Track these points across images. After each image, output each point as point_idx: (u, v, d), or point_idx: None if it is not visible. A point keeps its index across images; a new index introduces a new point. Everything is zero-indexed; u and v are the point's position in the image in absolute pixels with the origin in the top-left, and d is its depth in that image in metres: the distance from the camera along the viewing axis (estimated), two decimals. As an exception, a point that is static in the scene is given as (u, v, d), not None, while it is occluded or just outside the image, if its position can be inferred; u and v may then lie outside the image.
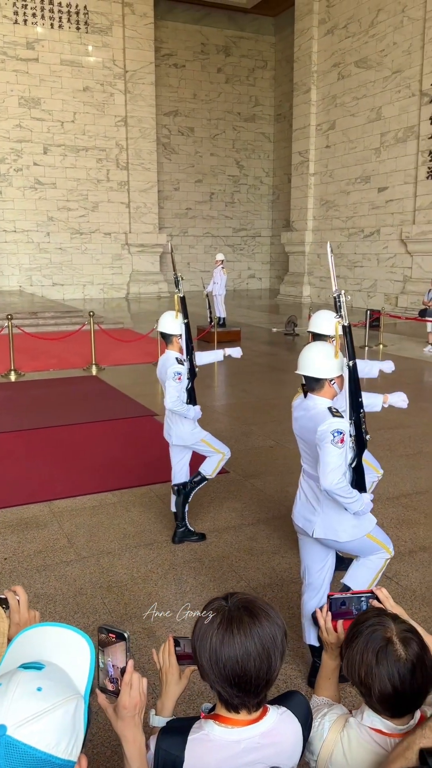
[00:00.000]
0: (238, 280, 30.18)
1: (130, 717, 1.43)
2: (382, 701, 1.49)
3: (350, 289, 21.55)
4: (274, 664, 1.39)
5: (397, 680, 1.45)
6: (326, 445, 2.79)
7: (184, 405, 4.38)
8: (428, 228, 17.67)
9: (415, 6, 17.77)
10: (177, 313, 4.44)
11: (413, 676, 1.46)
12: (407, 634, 1.51)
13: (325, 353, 3.01)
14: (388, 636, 1.49)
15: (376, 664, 1.47)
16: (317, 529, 3.06)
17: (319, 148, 22.89)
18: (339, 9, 21.09)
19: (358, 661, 1.50)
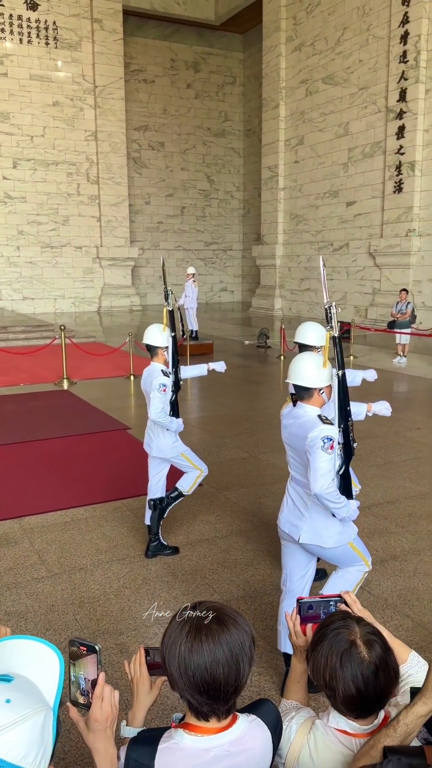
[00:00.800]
0: (211, 293, 30.32)
1: (101, 730, 1.43)
2: (346, 703, 1.51)
3: (321, 301, 21.75)
4: (243, 671, 1.40)
5: (361, 682, 1.48)
6: (317, 451, 2.86)
7: (168, 417, 4.40)
8: (396, 242, 17.99)
9: (380, 25, 18.21)
10: (165, 326, 4.47)
11: (376, 678, 1.49)
12: (371, 636, 1.53)
13: (315, 363, 3.08)
14: (351, 639, 1.52)
15: (340, 667, 1.49)
16: (303, 534, 3.11)
17: (288, 163, 23.21)
18: (306, 27, 21.51)
19: (322, 664, 1.52)
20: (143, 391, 4.62)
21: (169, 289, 4.59)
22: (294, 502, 3.21)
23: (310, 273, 22.46)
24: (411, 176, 17.37)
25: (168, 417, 4.39)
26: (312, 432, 2.91)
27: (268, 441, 7.60)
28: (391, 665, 1.52)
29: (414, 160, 17.21)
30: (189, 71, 28.30)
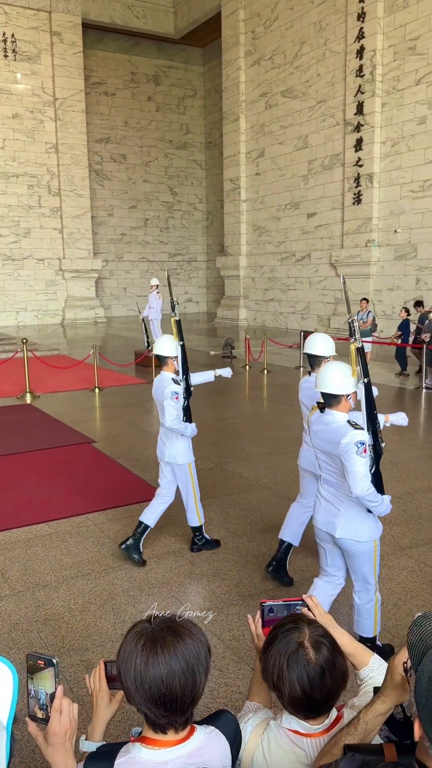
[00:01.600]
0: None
1: (60, 743, 1.40)
2: (292, 703, 1.52)
3: (285, 311, 22.04)
4: (199, 681, 1.40)
5: (307, 683, 1.49)
6: (352, 456, 3.06)
7: (182, 423, 4.56)
8: (356, 252, 18.31)
9: (336, 40, 18.61)
10: (174, 336, 4.59)
11: (322, 680, 1.50)
12: (319, 638, 1.54)
13: (342, 372, 3.27)
14: (300, 641, 1.53)
15: (287, 668, 1.51)
16: (339, 529, 3.31)
17: (250, 175, 23.45)
18: (264, 41, 21.84)
19: (271, 665, 1.54)
20: (155, 399, 4.75)
21: (176, 299, 4.75)
22: (328, 501, 3.40)
23: (273, 283, 22.68)
24: (369, 188, 17.72)
25: (183, 423, 4.57)
26: (345, 438, 3.10)
27: (235, 451, 7.62)
28: (339, 667, 1.54)
29: (372, 172, 17.58)
30: (150, 84, 28.45)
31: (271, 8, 21.33)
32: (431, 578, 4.44)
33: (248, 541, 5.06)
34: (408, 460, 7.23)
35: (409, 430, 8.88)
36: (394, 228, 17.30)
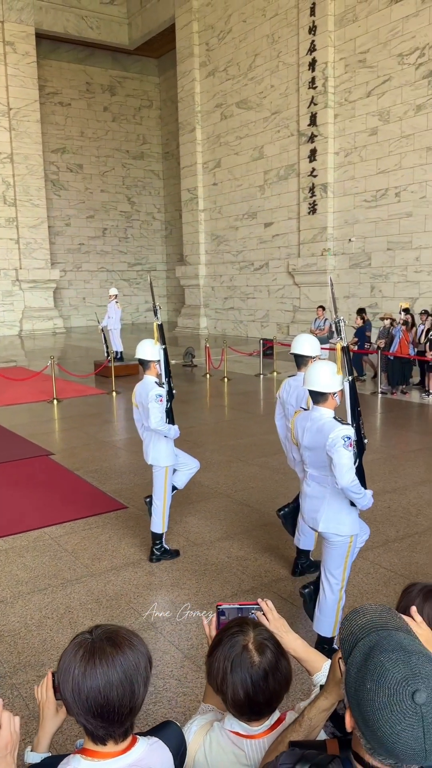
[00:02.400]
0: (136, 314, 30.25)
1: (1, 757, 1.40)
2: (235, 706, 1.54)
3: (245, 320, 22.20)
4: (138, 692, 1.40)
5: (249, 686, 1.50)
6: (339, 449, 3.23)
7: (166, 425, 4.69)
8: (312, 261, 18.59)
9: (289, 52, 18.93)
10: (156, 341, 4.73)
11: (266, 682, 1.51)
12: (263, 641, 1.55)
13: (329, 371, 3.45)
14: (244, 644, 1.54)
15: (231, 671, 1.52)
16: (321, 523, 3.47)
17: (207, 185, 23.60)
18: (218, 53, 22.07)
19: (215, 669, 1.55)
20: (137, 402, 4.85)
21: (158, 305, 4.92)
22: (312, 496, 3.56)
23: (233, 292, 22.83)
24: (324, 198, 18.03)
25: (167, 425, 4.69)
26: (332, 433, 3.26)
27: (194, 460, 7.62)
28: (282, 670, 1.55)
29: (326, 182, 17.90)
30: (105, 94, 28.44)
31: (224, 20, 21.59)
32: (386, 579, 4.53)
33: (207, 549, 5.07)
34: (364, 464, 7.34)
35: (367, 434, 9.03)
36: (348, 237, 17.62)
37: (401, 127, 15.79)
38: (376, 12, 16.06)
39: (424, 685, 1.00)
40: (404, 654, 1.03)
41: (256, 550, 5.03)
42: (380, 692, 1.02)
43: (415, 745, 0.99)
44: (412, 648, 1.05)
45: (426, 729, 0.98)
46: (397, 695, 1.00)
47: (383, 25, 15.90)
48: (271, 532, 5.40)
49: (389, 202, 16.34)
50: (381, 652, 1.04)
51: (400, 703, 0.99)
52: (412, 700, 0.99)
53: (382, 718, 1.01)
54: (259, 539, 5.25)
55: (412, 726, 0.98)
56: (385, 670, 1.02)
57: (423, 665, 1.02)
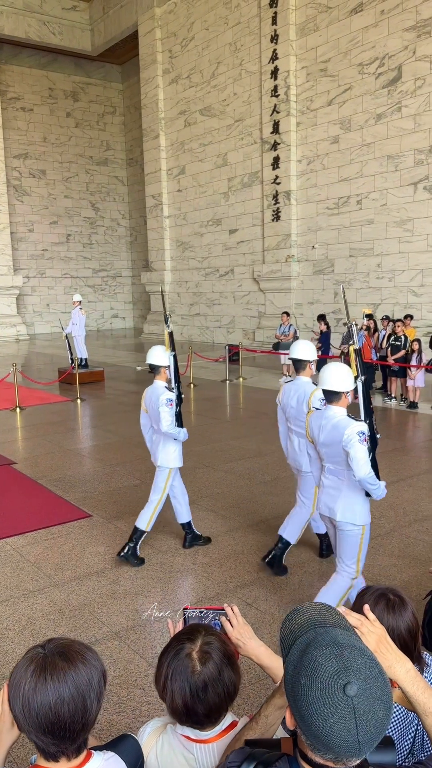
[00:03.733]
0: (102, 320, 30.05)
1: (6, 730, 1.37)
2: (173, 714, 1.52)
3: (210, 326, 22.24)
4: (90, 707, 1.35)
5: (188, 696, 1.48)
6: (355, 444, 3.46)
7: (176, 428, 4.85)
8: (277, 267, 18.74)
9: (251, 60, 19.12)
10: (167, 347, 4.93)
11: (204, 694, 1.48)
12: (208, 650, 1.52)
13: (343, 371, 3.67)
14: (188, 652, 1.52)
15: (171, 679, 1.50)
16: (339, 513, 3.67)
17: (171, 191, 23.63)
18: (181, 60, 22.16)
19: (159, 675, 1.53)
20: (146, 407, 5.00)
21: (169, 313, 5.07)
22: (329, 488, 3.76)
23: (198, 298, 22.86)
24: (288, 205, 18.22)
25: (176, 428, 4.86)
26: (347, 429, 3.50)
27: (160, 466, 7.58)
28: (225, 681, 1.51)
29: (289, 190, 18.09)
30: (68, 100, 28.26)
31: (187, 28, 21.69)
32: (350, 582, 4.56)
33: (172, 557, 5.04)
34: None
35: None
36: (312, 244, 17.83)
37: (362, 136, 16.07)
38: (336, 22, 16.34)
39: (356, 678, 1.01)
40: (337, 648, 1.04)
41: (221, 556, 5.02)
42: (313, 687, 1.03)
43: (348, 737, 1.00)
44: (345, 642, 1.06)
45: (358, 721, 0.99)
46: (329, 689, 1.01)
47: (344, 35, 16.19)
48: (236, 537, 5.41)
49: (351, 209, 16.59)
50: (315, 648, 1.05)
51: (332, 696, 1.00)
52: (343, 693, 1.00)
53: (316, 711, 1.02)
54: (224, 545, 5.25)
55: (344, 718, 1.00)
56: (319, 665, 1.03)
57: (355, 659, 1.03)
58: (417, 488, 6.60)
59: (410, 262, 15.27)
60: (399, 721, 1.77)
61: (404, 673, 1.40)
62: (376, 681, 1.03)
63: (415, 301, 15.16)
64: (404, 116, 14.98)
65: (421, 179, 14.81)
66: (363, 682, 1.01)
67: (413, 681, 1.39)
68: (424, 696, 1.38)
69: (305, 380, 4.69)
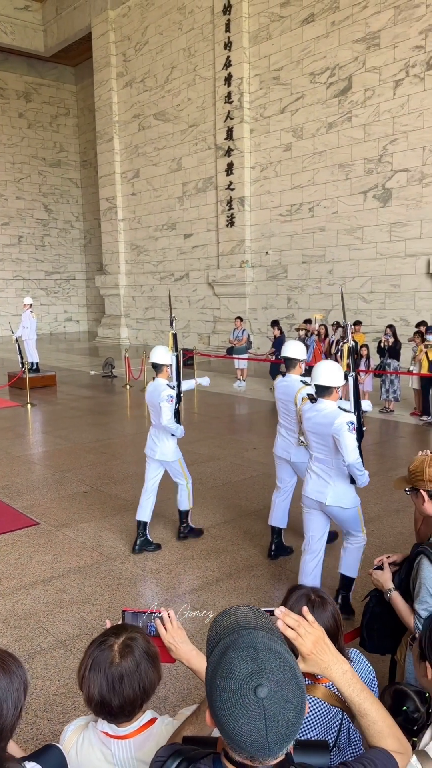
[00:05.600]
0: (55, 324, 29.64)
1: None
2: (89, 703, 1.53)
3: (166, 330, 22.19)
4: (7, 714, 1.35)
5: (104, 687, 1.50)
6: (344, 433, 3.76)
7: (175, 423, 5.15)
8: (231, 272, 18.86)
9: (205, 66, 19.22)
10: (170, 347, 5.35)
11: (120, 686, 1.50)
12: (130, 643, 1.54)
13: (335, 368, 4.00)
14: (110, 644, 1.54)
15: (89, 670, 1.51)
16: (329, 498, 3.98)
17: (126, 195, 23.52)
18: (135, 64, 22.11)
19: (80, 665, 1.55)
20: (148, 402, 5.32)
21: (174, 315, 5.64)
22: (319, 475, 4.05)
23: (153, 302, 22.80)
24: (241, 211, 18.37)
25: (175, 423, 5.16)
26: (338, 419, 3.80)
27: (112, 472, 7.54)
28: (142, 676, 1.53)
29: (243, 196, 18.24)
30: (20, 101, 27.84)
31: (141, 32, 21.66)
32: (297, 585, 4.62)
33: (122, 564, 5.01)
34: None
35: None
36: (265, 250, 18.01)
37: (314, 144, 16.34)
38: (288, 31, 16.58)
39: (268, 680, 1.03)
40: (253, 651, 1.06)
41: (171, 562, 5.03)
42: (227, 688, 1.05)
43: (258, 738, 1.02)
44: (262, 645, 1.07)
45: (268, 722, 1.02)
46: (241, 690, 1.03)
47: (296, 44, 16.44)
48: (187, 543, 5.42)
49: (303, 216, 16.84)
50: (233, 650, 1.07)
51: (243, 697, 1.03)
52: (254, 695, 1.02)
53: (228, 712, 1.04)
54: (175, 550, 5.25)
55: (254, 719, 1.02)
56: (234, 667, 1.05)
57: (269, 661, 1.05)
58: (364, 490, 6.74)
59: (360, 269, 15.59)
60: (321, 717, 1.82)
61: (340, 674, 1.42)
62: (288, 684, 1.05)
63: (365, 307, 15.48)
64: (354, 126, 15.30)
65: (370, 188, 15.15)
66: (275, 685, 1.03)
67: (349, 683, 1.42)
68: (359, 698, 1.41)
69: (295, 378, 5.05)
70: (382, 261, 15.10)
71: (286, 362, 5.10)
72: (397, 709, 1.93)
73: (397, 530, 5.65)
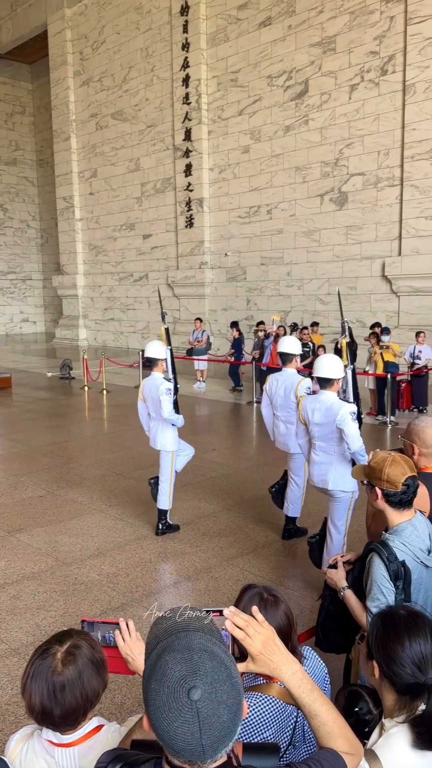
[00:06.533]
0: (11, 325, 29.10)
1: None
2: (30, 712, 1.50)
3: (125, 331, 22.04)
4: None
5: (45, 696, 1.46)
6: (348, 422, 4.05)
7: (175, 414, 5.36)
8: (191, 273, 18.84)
9: (163, 67, 19.16)
10: (164, 342, 5.49)
11: (62, 695, 1.46)
12: (74, 651, 1.51)
13: (336, 361, 4.29)
14: (53, 652, 1.50)
15: (31, 677, 1.48)
16: (331, 482, 4.24)
17: (83, 194, 23.27)
18: (92, 63, 21.90)
19: (24, 673, 1.51)
20: (145, 396, 5.52)
21: (165, 311, 6.07)
22: (321, 462, 4.32)
23: (112, 303, 22.61)
24: (200, 212, 18.37)
25: (176, 414, 5.37)
26: (342, 410, 4.09)
27: (69, 476, 7.42)
28: (86, 685, 1.49)
29: (202, 197, 18.25)
30: (-26, 97, 27.24)
31: (98, 31, 21.47)
32: (255, 585, 4.63)
33: (77, 568, 4.93)
34: (238, 472, 7.52)
35: (241, 443, 9.27)
36: (224, 251, 18.06)
37: (272, 147, 16.46)
38: (246, 34, 16.67)
39: (202, 682, 1.02)
40: (188, 653, 1.05)
41: (128, 566, 4.97)
42: (161, 691, 1.03)
43: (192, 741, 1.01)
44: (199, 647, 1.05)
45: (202, 725, 1.00)
46: (174, 693, 1.01)
47: (253, 47, 16.54)
48: (144, 545, 5.37)
49: (262, 218, 16.95)
50: (169, 653, 1.06)
51: (177, 700, 1.01)
52: (187, 697, 1.00)
53: (162, 715, 1.02)
54: (132, 554, 5.19)
55: (187, 722, 1.00)
56: (168, 669, 1.04)
57: (204, 663, 1.04)
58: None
59: (317, 271, 15.77)
60: (277, 715, 1.81)
61: (290, 675, 1.40)
62: (222, 685, 1.03)
63: (322, 309, 15.66)
64: (311, 129, 15.48)
65: (327, 191, 15.34)
66: (208, 686, 1.02)
67: (299, 683, 1.40)
68: (309, 698, 1.39)
69: (291, 372, 5.29)
70: (339, 263, 15.31)
71: (283, 357, 5.35)
72: (350, 710, 1.94)
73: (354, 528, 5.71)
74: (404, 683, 1.63)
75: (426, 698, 1.59)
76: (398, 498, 2.36)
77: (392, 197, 14.11)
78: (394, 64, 13.74)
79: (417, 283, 13.82)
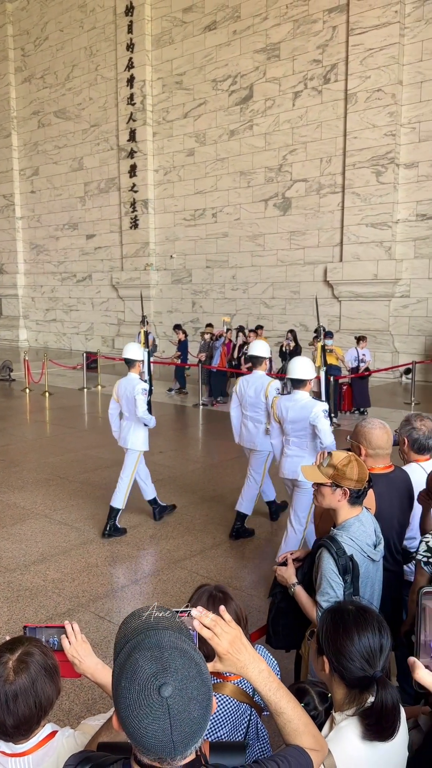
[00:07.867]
0: None
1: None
2: None
3: (68, 332, 21.69)
4: None
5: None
6: (321, 419, 4.35)
7: (149, 414, 5.55)
8: (136, 275, 18.72)
9: (107, 66, 18.99)
10: (142, 344, 5.85)
11: (15, 704, 1.44)
12: (26, 659, 1.48)
13: (308, 363, 4.58)
14: (4, 661, 1.47)
15: None
16: (301, 474, 4.16)
17: (24, 192, 22.79)
18: (35, 59, 21.49)
19: None
20: (118, 396, 5.67)
21: (146, 314, 6.02)
22: (293, 456, 4.54)
23: (55, 303, 22.22)
24: (145, 213, 18.29)
25: (149, 414, 5.57)
26: (315, 407, 4.37)
27: (10, 480, 7.23)
28: (39, 693, 1.48)
29: (147, 199, 18.17)
30: None
31: (40, 27, 21.09)
32: (203, 587, 4.63)
33: (21, 575, 4.81)
34: (185, 474, 7.51)
35: (188, 445, 9.26)
36: (170, 253, 18.03)
37: (216, 150, 16.55)
38: (191, 37, 16.71)
39: (172, 679, 1.02)
40: (158, 650, 1.05)
41: (74, 571, 4.88)
42: (132, 689, 1.03)
43: (162, 737, 1.01)
44: (168, 644, 1.06)
45: (173, 721, 1.01)
46: (145, 690, 1.02)
47: (198, 50, 16.60)
48: (90, 550, 5.29)
49: (207, 221, 17.01)
50: (138, 651, 1.06)
51: (147, 697, 1.01)
52: (158, 694, 1.01)
53: (132, 713, 1.02)
54: (77, 559, 5.10)
55: (158, 719, 1.00)
56: (138, 667, 1.04)
57: (174, 660, 1.04)
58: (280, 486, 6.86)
59: (262, 275, 15.95)
60: (230, 714, 1.82)
61: (257, 673, 1.42)
62: (193, 681, 1.04)
63: (266, 312, 15.85)
64: (255, 134, 15.65)
65: (271, 196, 15.54)
66: (179, 683, 1.02)
67: (265, 682, 1.42)
68: (275, 696, 1.41)
69: (261, 374, 5.47)
70: (283, 268, 15.53)
71: (253, 360, 5.56)
72: None
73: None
74: (354, 677, 1.66)
75: (374, 691, 1.63)
76: (358, 495, 2.41)
77: (334, 204, 14.43)
78: (336, 73, 14.07)
79: (357, 288, 14.17)
